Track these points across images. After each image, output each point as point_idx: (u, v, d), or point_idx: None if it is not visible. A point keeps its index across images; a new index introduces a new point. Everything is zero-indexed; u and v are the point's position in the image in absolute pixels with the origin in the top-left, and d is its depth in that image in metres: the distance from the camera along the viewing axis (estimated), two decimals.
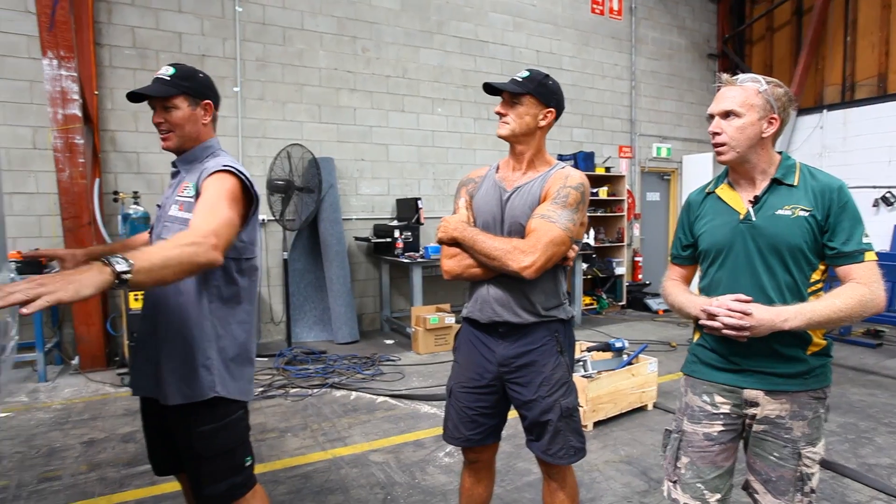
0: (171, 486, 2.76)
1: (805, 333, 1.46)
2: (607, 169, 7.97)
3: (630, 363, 3.84)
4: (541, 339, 1.77)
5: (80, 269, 1.09)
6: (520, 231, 1.73)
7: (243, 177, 1.60)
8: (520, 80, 1.77)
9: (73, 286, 1.04)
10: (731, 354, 1.52)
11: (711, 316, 1.45)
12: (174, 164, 1.76)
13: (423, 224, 6.17)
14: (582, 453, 1.81)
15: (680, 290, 1.67)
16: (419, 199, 6.18)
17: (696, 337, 1.65)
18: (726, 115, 1.51)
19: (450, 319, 5.58)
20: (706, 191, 1.66)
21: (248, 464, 1.73)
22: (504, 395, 1.84)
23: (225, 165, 1.60)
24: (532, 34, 7.64)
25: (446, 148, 7.09)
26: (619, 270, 8.06)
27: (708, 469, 1.55)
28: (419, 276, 5.73)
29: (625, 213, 8.09)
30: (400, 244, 5.93)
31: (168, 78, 1.66)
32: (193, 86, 1.68)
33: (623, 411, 3.72)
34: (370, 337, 6.22)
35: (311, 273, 6.16)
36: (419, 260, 5.76)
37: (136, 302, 4.50)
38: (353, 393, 4.27)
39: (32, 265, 4.62)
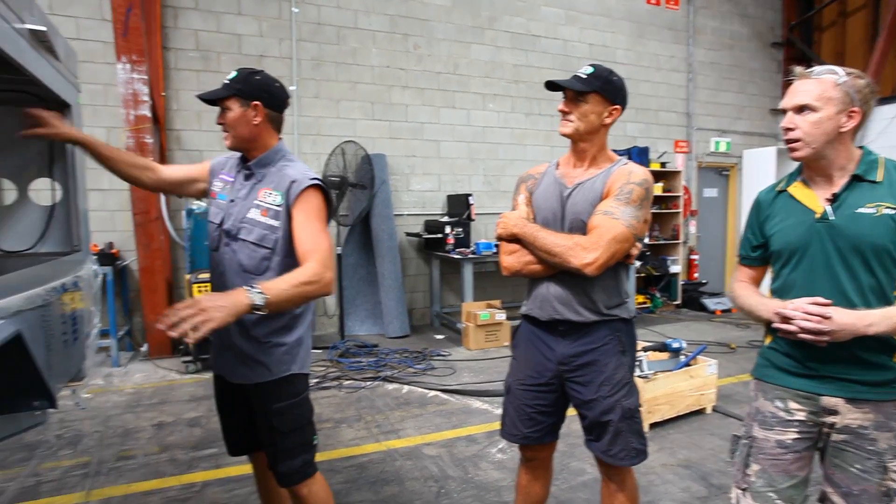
0: (236, 469, 2.88)
1: (892, 339, 1.38)
2: (662, 164, 7.73)
3: (688, 364, 3.73)
4: (602, 338, 1.74)
5: (224, 296, 1.33)
6: (581, 228, 1.71)
7: (326, 189, 1.74)
8: (584, 76, 1.73)
9: (222, 315, 1.28)
10: (808, 359, 1.46)
11: (786, 319, 1.39)
12: (247, 167, 1.82)
13: (474, 220, 6.17)
14: (643, 455, 1.78)
15: (750, 292, 1.61)
16: (470, 195, 6.19)
17: (768, 340, 1.58)
18: (800, 109, 1.44)
19: (500, 316, 5.57)
20: (777, 189, 1.59)
21: (315, 442, 1.85)
22: (563, 393, 1.83)
23: (312, 180, 1.72)
24: (585, 27, 7.49)
25: (497, 144, 7.06)
26: (674, 269, 7.82)
27: (781, 478, 1.49)
28: (470, 271, 5.75)
29: (680, 209, 7.83)
30: (451, 240, 5.96)
31: (227, 81, 1.75)
32: (244, 88, 1.73)
33: (680, 414, 3.62)
34: (420, 332, 6.29)
35: (364, 268, 6.27)
36: (470, 256, 5.78)
37: (199, 293, 4.71)
38: (405, 387, 4.33)
39: (107, 256, 4.92)
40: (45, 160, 2.19)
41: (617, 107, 1.76)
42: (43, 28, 1.58)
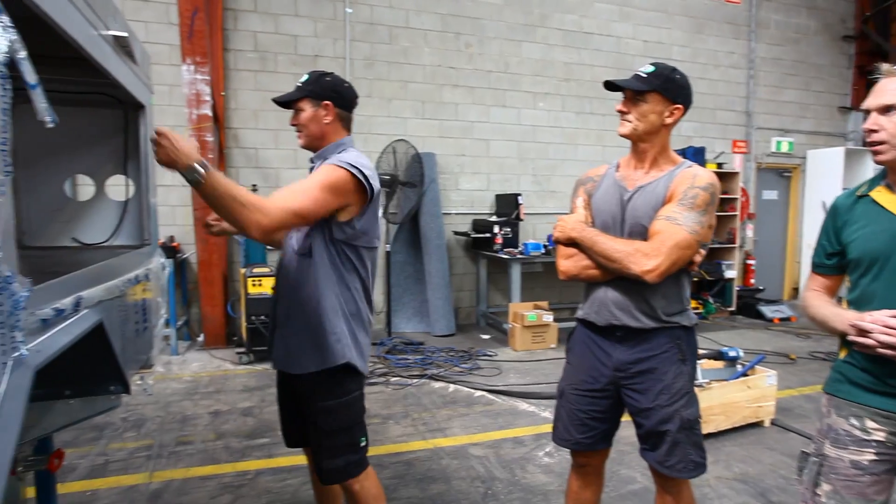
0: (288, 459, 2.97)
1: None
2: (719, 165, 7.45)
3: (745, 374, 3.59)
4: (662, 345, 1.70)
5: (186, 146, 1.39)
6: (641, 233, 1.67)
7: (355, 171, 1.69)
8: (644, 75, 1.69)
9: (168, 151, 1.37)
10: (888, 376, 1.37)
11: (863, 332, 1.32)
12: (311, 160, 1.89)
13: (522, 220, 6.13)
14: (702, 468, 1.73)
15: (823, 302, 1.54)
16: (519, 194, 6.14)
17: (843, 354, 1.50)
18: (886, 109, 1.36)
19: (548, 317, 5.51)
20: (857, 194, 1.51)
21: (363, 444, 1.86)
22: (618, 400, 1.79)
23: (341, 161, 1.70)
24: (640, 24, 7.30)
25: (547, 143, 6.98)
26: (729, 274, 7.51)
27: (856, 501, 1.41)
28: (517, 272, 5.71)
29: (737, 212, 7.53)
30: (499, 240, 5.93)
31: (300, 84, 1.84)
32: (315, 89, 1.82)
33: (736, 425, 3.48)
34: (466, 331, 6.29)
35: (411, 266, 6.33)
36: (518, 256, 5.74)
37: (253, 287, 4.87)
38: (452, 385, 4.35)
39: (169, 249, 5.14)
40: (121, 158, 2.31)
41: (679, 106, 1.71)
42: (125, 34, 1.67)
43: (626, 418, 1.84)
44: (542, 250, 5.91)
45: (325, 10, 6.05)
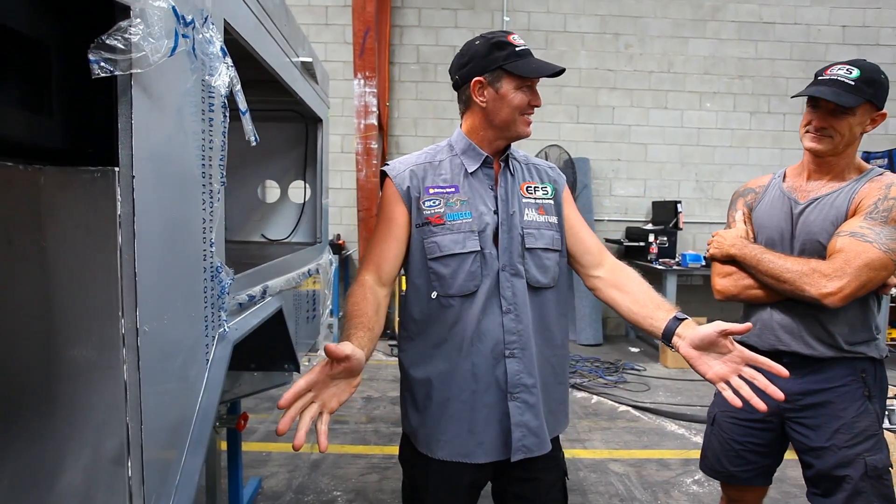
0: None
1: None
2: None
3: None
4: (841, 377, 1.49)
5: None
6: (817, 251, 1.49)
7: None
8: (851, 83, 1.42)
9: None
10: None
11: None
12: (488, 163, 1.41)
13: (681, 229, 5.72)
14: None
15: None
16: (679, 202, 5.75)
17: None
18: None
19: None
20: None
21: None
22: (782, 433, 1.61)
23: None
24: (837, 6, 6.36)
25: (713, 147, 6.42)
26: None
27: None
28: (673, 284, 5.35)
29: None
30: (654, 249, 5.61)
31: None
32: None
33: None
34: (614, 342, 6.05)
35: None
36: (675, 267, 5.38)
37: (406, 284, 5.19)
38: (595, 397, 4.22)
39: (335, 247, 5.70)
40: (301, 165, 2.64)
41: (884, 112, 1.49)
42: (310, 59, 1.91)
43: (792, 455, 1.64)
44: (702, 262, 5.46)
45: (483, 20, 6.23)
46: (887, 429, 2.88)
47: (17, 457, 0.82)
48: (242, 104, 1.14)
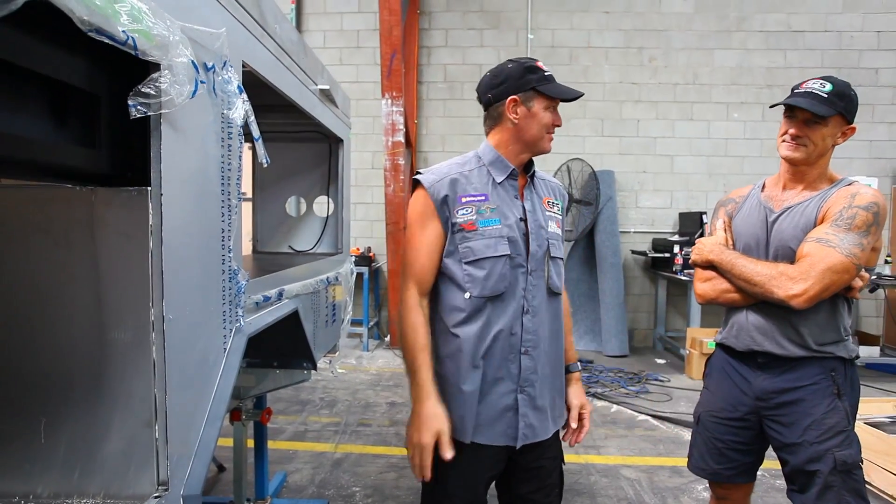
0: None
1: None
2: None
3: None
4: (812, 376, 1.58)
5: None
6: (788, 257, 1.59)
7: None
8: (824, 95, 1.54)
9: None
10: None
11: None
12: (513, 175, 1.52)
13: None
14: None
15: None
16: (704, 213, 5.75)
17: None
18: None
19: None
20: None
21: None
22: (761, 431, 1.70)
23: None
24: (872, 11, 6.26)
25: (742, 157, 6.39)
26: None
27: None
28: None
29: None
30: (679, 260, 5.61)
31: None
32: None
33: None
34: (640, 353, 6.05)
35: (585, 283, 6.31)
36: None
37: None
38: (615, 406, 4.27)
39: (365, 259, 5.93)
40: (325, 181, 2.87)
41: (854, 126, 1.60)
42: (328, 87, 2.13)
43: None
44: None
45: (508, 39, 6.42)
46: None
47: (74, 420, 1.03)
48: (256, 132, 1.35)
